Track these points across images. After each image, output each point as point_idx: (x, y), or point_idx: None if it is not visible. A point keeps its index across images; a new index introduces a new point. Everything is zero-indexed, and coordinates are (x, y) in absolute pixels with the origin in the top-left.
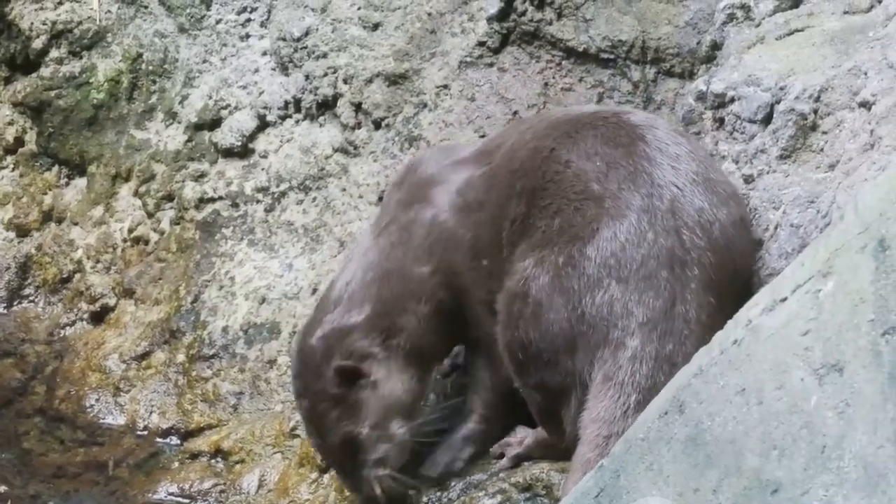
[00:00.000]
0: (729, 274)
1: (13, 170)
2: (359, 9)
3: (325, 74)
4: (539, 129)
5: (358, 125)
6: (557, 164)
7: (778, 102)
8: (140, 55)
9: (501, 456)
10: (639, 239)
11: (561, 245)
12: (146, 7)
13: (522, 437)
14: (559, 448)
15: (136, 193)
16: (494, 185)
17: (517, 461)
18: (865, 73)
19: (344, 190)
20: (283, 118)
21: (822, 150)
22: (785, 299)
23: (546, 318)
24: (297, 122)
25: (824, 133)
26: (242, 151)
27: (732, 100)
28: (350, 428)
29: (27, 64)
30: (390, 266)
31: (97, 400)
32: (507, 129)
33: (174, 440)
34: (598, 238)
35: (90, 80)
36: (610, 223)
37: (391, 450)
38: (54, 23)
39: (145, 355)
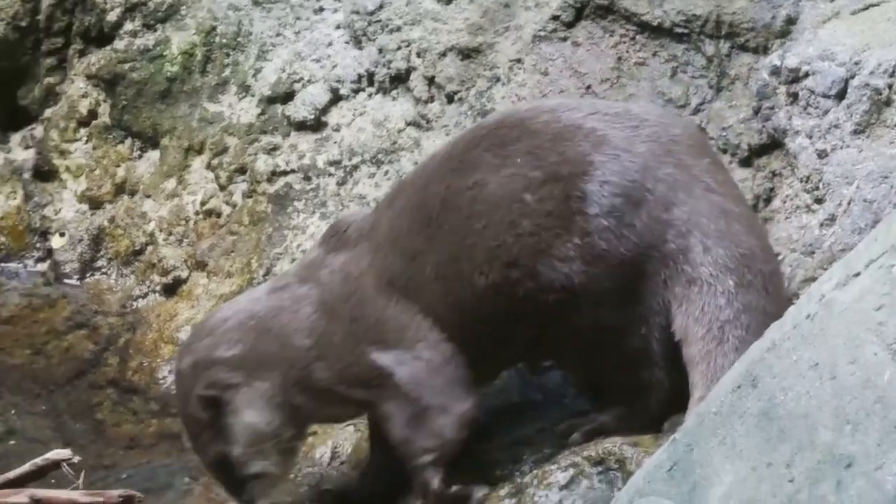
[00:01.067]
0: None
1: (87, 142)
2: None
3: (399, 48)
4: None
5: (431, 99)
6: (465, 191)
7: (852, 77)
8: (214, 28)
9: (569, 434)
10: (623, 167)
11: (559, 232)
12: None
13: (593, 415)
14: (636, 416)
15: (208, 166)
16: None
17: (589, 437)
18: None
19: (416, 164)
20: (356, 92)
21: None
22: (858, 274)
23: (603, 291)
24: (370, 95)
25: None
26: (315, 125)
27: (807, 74)
28: (221, 448)
29: (101, 37)
30: (272, 326)
31: (170, 371)
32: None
33: None
34: (591, 199)
35: (164, 53)
36: (588, 179)
37: (267, 466)
38: None
39: None
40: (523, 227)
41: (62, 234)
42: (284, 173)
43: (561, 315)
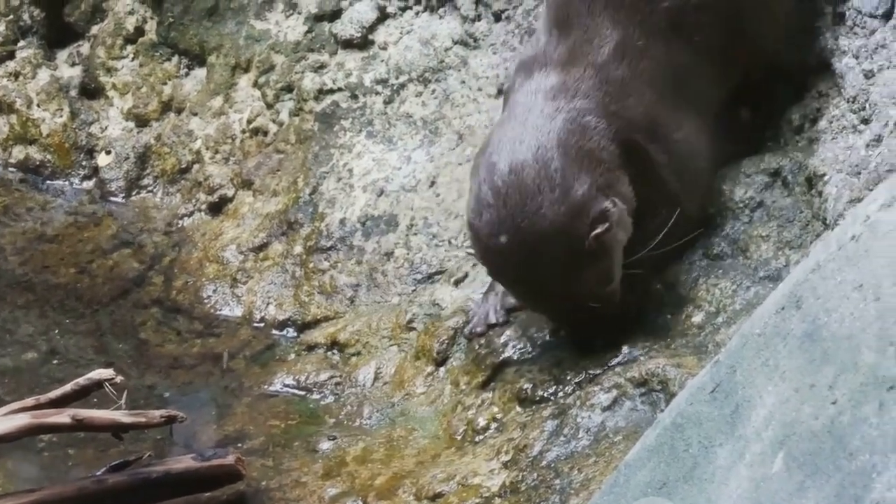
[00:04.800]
0: None
1: (133, 59)
2: None
3: None
4: None
5: (478, 17)
6: None
7: None
8: None
9: None
10: None
11: None
12: None
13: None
14: None
15: (255, 84)
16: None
17: None
18: None
19: (463, 82)
20: (404, 9)
21: None
22: None
23: None
24: (417, 13)
25: None
26: (362, 43)
27: None
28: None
29: None
30: (580, 142)
31: (214, 291)
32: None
33: (291, 332)
34: None
35: None
36: None
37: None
38: None
39: (263, 247)
40: None
41: (108, 152)
42: (331, 91)
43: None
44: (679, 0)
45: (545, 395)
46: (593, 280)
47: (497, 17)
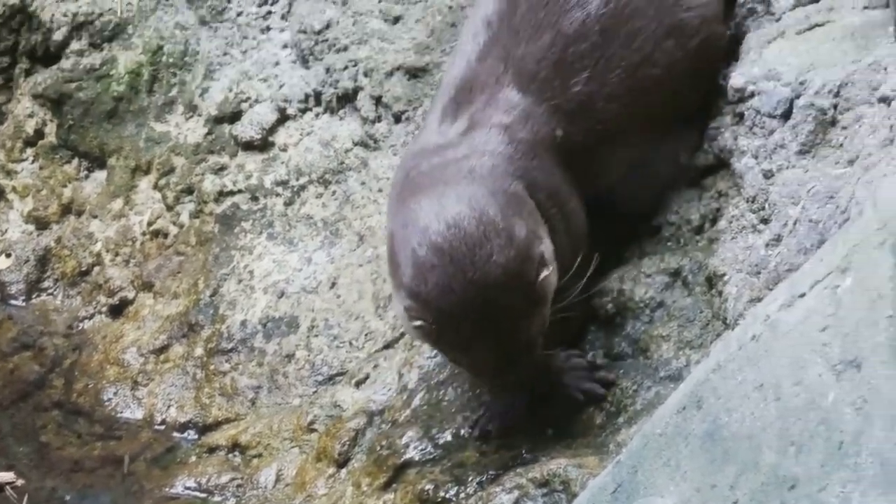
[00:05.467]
0: None
1: (33, 162)
2: (379, 1)
3: (346, 67)
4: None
5: (378, 118)
6: None
7: (798, 97)
8: (161, 47)
9: None
10: None
11: None
12: None
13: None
14: None
15: (155, 186)
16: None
17: None
18: (885, 69)
19: (363, 184)
20: (304, 111)
21: (841, 145)
22: (803, 295)
23: None
24: (318, 115)
25: (844, 128)
26: (262, 145)
27: (752, 94)
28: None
29: (47, 56)
30: (489, 182)
31: (115, 393)
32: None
33: (192, 434)
34: None
35: (111, 73)
36: None
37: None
38: (75, 14)
39: (163, 349)
40: None
41: (8, 255)
42: (231, 193)
43: None
44: (591, 87)
45: (447, 496)
46: (535, 325)
47: (397, 119)
